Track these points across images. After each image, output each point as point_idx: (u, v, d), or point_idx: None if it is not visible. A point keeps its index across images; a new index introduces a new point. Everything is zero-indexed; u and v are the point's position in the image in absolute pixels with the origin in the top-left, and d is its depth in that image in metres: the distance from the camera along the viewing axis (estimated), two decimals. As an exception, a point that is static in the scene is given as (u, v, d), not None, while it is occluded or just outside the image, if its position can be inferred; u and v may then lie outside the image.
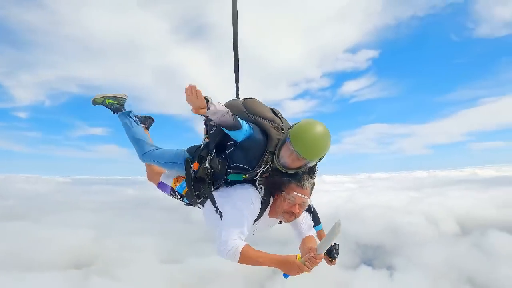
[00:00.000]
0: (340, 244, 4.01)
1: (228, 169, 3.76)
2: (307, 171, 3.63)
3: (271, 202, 3.71)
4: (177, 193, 4.34)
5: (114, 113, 5.10)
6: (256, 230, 3.92)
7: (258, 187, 3.66)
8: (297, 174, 3.54)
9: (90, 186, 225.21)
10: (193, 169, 4.01)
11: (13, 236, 58.70)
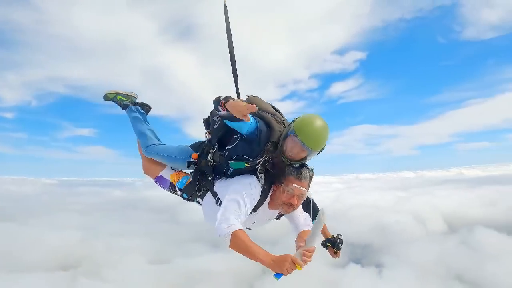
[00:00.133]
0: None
1: (230, 160, 3.83)
2: (306, 165, 3.72)
3: (271, 193, 3.79)
4: (177, 188, 4.35)
5: (123, 110, 5.23)
6: (254, 224, 3.98)
7: (259, 176, 3.71)
8: (296, 167, 3.62)
9: (77, 188, 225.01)
10: (196, 162, 4.12)
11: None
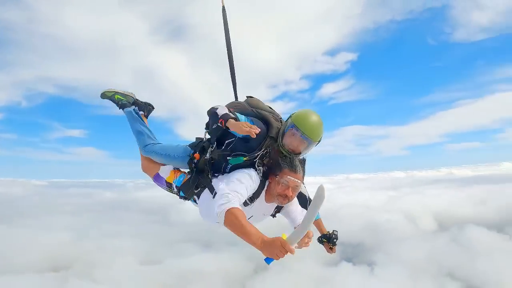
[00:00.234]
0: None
1: (229, 157, 3.96)
2: (300, 159, 3.89)
3: (266, 185, 3.90)
4: (174, 186, 4.40)
5: (120, 109, 5.27)
6: (251, 219, 3.97)
7: (257, 169, 3.89)
8: (291, 161, 3.76)
9: (67, 189, 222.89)
10: (194, 160, 4.18)
11: (-11, 240, 57.54)
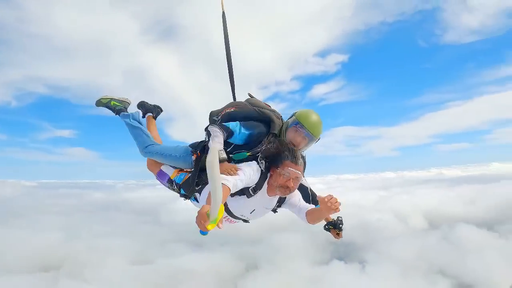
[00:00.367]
0: (311, 242, 4.18)
1: (231, 154, 4.09)
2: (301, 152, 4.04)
3: (268, 177, 3.98)
4: (174, 183, 4.44)
5: (117, 115, 5.32)
6: (253, 212, 4.15)
7: (260, 162, 3.97)
8: (292, 153, 3.90)
9: (57, 190, 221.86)
10: (194, 159, 4.30)
11: (-21, 241, 57.04)
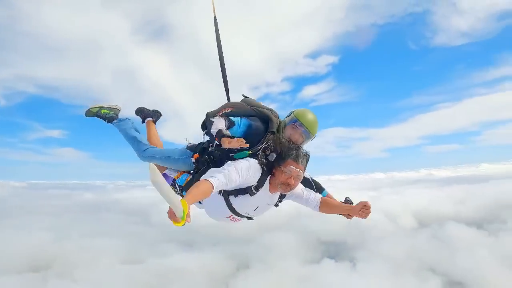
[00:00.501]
0: (303, 241, 4.35)
1: (232, 153, 4.15)
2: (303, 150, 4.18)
3: (270, 176, 4.12)
4: (177, 185, 4.51)
5: (108, 123, 5.30)
6: (257, 209, 4.27)
7: (260, 160, 4.10)
8: (294, 151, 4.04)
9: (46, 191, 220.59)
10: (194, 160, 4.40)
11: (-32, 241, 56.56)
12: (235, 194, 4.03)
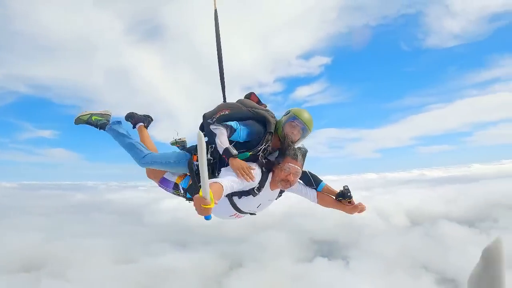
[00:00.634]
0: (295, 240, 4.45)
1: None
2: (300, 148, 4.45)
3: (271, 174, 4.39)
4: (181, 188, 4.62)
5: (101, 129, 5.22)
6: (260, 206, 4.57)
7: (260, 161, 4.38)
8: (292, 149, 4.33)
9: (38, 191, 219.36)
10: (194, 162, 4.48)
11: (-41, 242, 56.21)
12: (239, 196, 4.28)
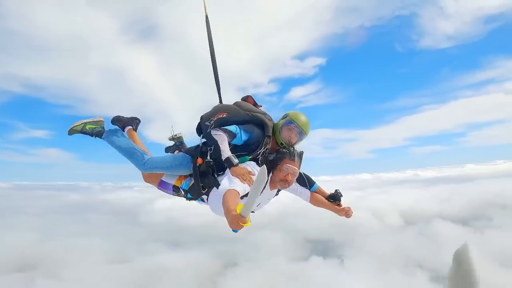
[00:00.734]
0: (290, 240, 4.50)
1: None
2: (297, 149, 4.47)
3: (270, 175, 4.39)
4: (181, 189, 4.63)
5: (96, 137, 5.05)
6: (259, 205, 4.57)
7: (260, 164, 4.40)
8: (290, 151, 4.35)
9: (32, 192, 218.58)
10: (198, 164, 4.46)
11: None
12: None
